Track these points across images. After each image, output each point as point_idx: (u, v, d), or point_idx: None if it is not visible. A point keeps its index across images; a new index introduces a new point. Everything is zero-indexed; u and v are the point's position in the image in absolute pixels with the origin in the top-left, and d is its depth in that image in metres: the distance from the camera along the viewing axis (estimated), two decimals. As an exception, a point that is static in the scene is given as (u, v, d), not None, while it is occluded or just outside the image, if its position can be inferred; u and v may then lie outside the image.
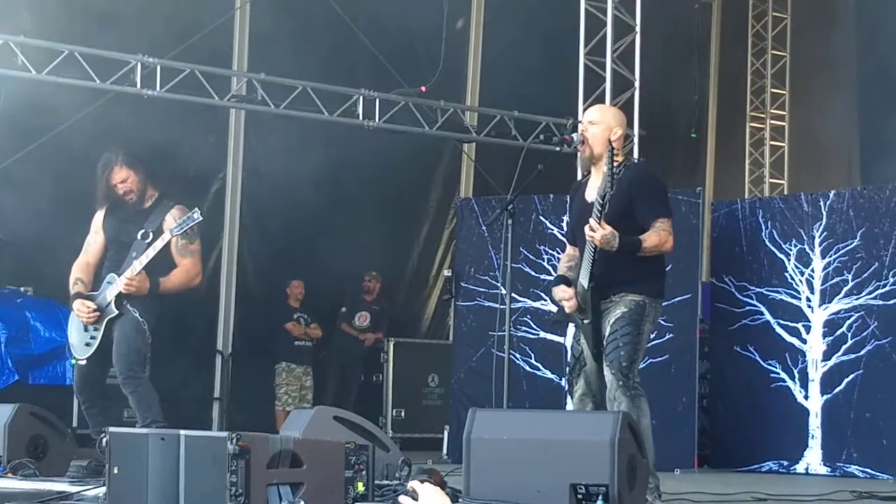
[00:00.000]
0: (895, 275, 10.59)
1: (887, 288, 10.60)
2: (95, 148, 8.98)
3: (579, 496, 5.43)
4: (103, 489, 5.50)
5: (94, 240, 8.48)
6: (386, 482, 5.76)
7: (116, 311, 8.15)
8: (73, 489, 6.38)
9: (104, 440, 5.79)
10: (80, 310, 8.24)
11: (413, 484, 4.53)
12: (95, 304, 8.19)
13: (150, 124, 11.54)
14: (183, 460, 4.92)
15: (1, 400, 9.31)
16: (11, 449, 7.50)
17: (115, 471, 5.30)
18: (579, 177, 7.99)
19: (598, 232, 6.93)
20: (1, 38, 11.08)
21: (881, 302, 10.65)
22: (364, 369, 13.30)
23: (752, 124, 15.59)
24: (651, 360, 8.67)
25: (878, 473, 9.67)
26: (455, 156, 14.20)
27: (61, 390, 9.96)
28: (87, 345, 8.30)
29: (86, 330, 8.30)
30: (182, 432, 5.06)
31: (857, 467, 10.39)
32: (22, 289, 11.45)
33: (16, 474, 7.27)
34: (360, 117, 12.89)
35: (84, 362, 8.35)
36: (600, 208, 6.96)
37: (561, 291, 7.61)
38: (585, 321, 7.43)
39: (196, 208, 8.24)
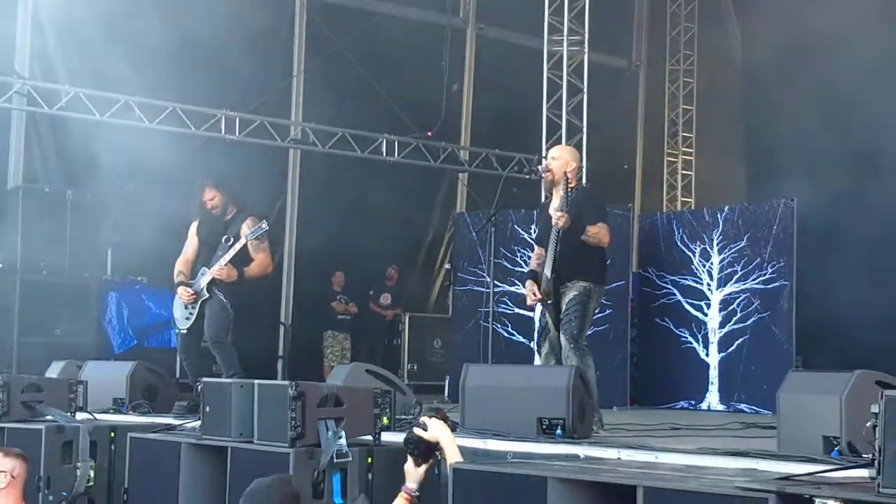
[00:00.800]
0: (772, 267, 10.63)
1: (766, 276, 10.68)
2: (191, 177, 8.96)
3: (544, 426, 5.51)
4: (198, 423, 5.53)
5: (191, 243, 8.49)
6: (403, 417, 5.80)
7: (207, 295, 8.17)
8: (177, 422, 6.43)
9: (199, 387, 5.81)
10: (182, 293, 8.26)
11: (424, 419, 4.54)
12: (193, 289, 8.20)
13: (230, 159, 11.48)
14: (256, 402, 4.94)
15: (124, 359, 9.54)
16: (132, 394, 7.62)
17: (207, 409, 5.33)
18: (543, 198, 7.98)
19: (563, 218, 7.03)
20: (122, 97, 11.09)
21: (762, 286, 10.72)
22: (387, 335, 13.31)
23: (668, 158, 15.53)
24: (595, 329, 8.70)
25: (760, 409, 9.68)
26: (453, 182, 14.20)
27: (168, 351, 9.97)
28: (187, 318, 8.30)
29: (185, 308, 8.30)
30: (256, 382, 5.10)
31: (745, 405, 10.43)
32: (139, 278, 11.45)
33: (135, 412, 7.33)
34: (384, 154, 12.89)
35: (185, 331, 8.36)
36: (565, 207, 7.05)
37: (529, 285, 7.68)
38: (549, 302, 7.44)
39: (264, 220, 8.27)
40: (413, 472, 4.46)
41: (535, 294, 7.60)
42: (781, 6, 13.01)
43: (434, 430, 4.49)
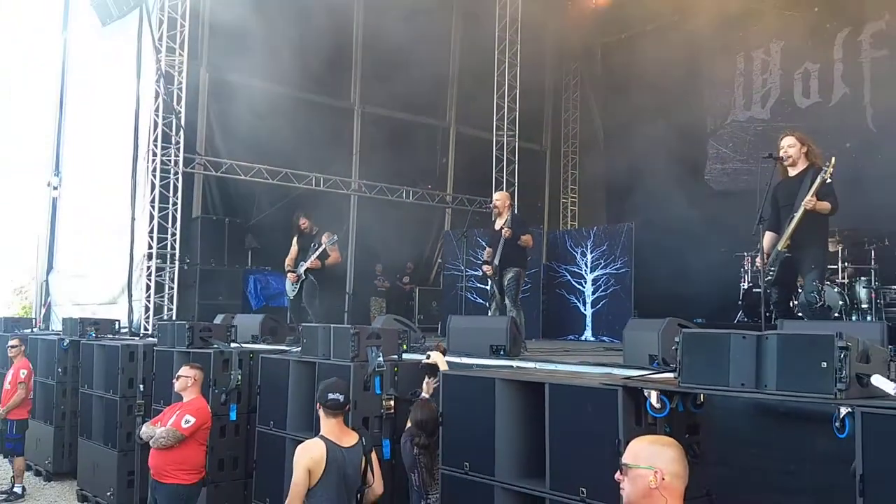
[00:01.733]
0: (621, 261, 10.66)
1: (617, 265, 10.71)
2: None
3: (493, 350, 5.49)
4: (299, 348, 5.53)
5: (293, 248, 8.54)
6: (415, 345, 5.76)
7: (304, 277, 8.17)
8: (287, 348, 6.43)
9: (299, 328, 5.82)
10: (290, 277, 8.28)
11: (429, 352, 4.59)
12: (296, 274, 8.20)
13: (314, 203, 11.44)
14: (333, 336, 4.95)
15: (257, 313, 9.41)
16: (262, 332, 7.51)
17: (304, 341, 5.33)
18: (494, 221, 7.98)
19: (508, 230, 7.29)
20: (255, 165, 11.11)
21: (615, 272, 10.77)
22: (407, 299, 13.22)
23: (562, 200, 15.50)
24: (524, 296, 8.67)
25: (615, 340, 9.69)
26: (443, 214, 14.12)
27: (282, 310, 9.90)
28: (293, 291, 8.32)
29: (292, 285, 8.31)
30: (332, 325, 5.10)
31: (606, 338, 10.45)
32: (266, 268, 11.42)
33: (264, 343, 7.33)
34: (403, 197, 12.89)
35: (292, 298, 8.38)
36: (509, 229, 7.10)
37: (485, 267, 7.73)
38: (496, 278, 7.46)
39: (335, 234, 8.32)
40: (426, 386, 4.51)
41: (488, 272, 7.68)
42: (627, 103, 13.00)
43: (433, 357, 4.56)
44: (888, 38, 10.49)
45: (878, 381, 2.38)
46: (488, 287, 8.14)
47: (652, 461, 2.48)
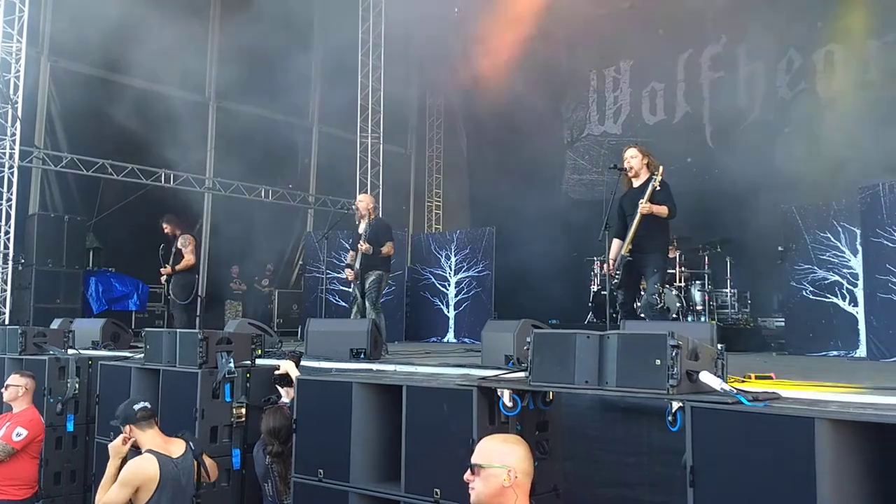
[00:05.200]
0: (482, 264, 10.92)
1: (479, 268, 10.94)
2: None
3: (353, 353, 5.45)
4: (142, 355, 5.19)
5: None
6: (271, 349, 5.59)
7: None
8: (130, 355, 6.06)
9: (143, 335, 5.46)
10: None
11: (280, 361, 4.50)
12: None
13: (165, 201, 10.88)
14: (178, 342, 4.69)
15: (97, 317, 8.77)
16: (103, 338, 7.07)
17: (148, 347, 5.02)
18: (358, 224, 7.96)
19: (365, 245, 6.96)
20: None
21: (477, 274, 10.99)
22: (266, 303, 12.86)
23: (427, 203, 15.73)
24: (386, 299, 8.72)
25: (475, 341, 9.78)
26: (304, 214, 13.94)
27: (126, 314, 9.26)
28: None
29: None
30: (178, 330, 4.85)
31: (467, 339, 10.66)
32: (109, 269, 10.78)
33: (104, 349, 6.87)
34: (261, 196, 12.51)
35: None
36: (365, 235, 7.06)
37: (346, 271, 7.70)
38: (358, 282, 7.42)
39: (189, 235, 8.05)
40: (286, 392, 4.40)
41: (350, 276, 7.63)
42: (491, 111, 13.34)
43: (283, 366, 4.48)
44: (724, 61, 11.43)
45: (705, 377, 2.57)
46: (351, 290, 8.08)
47: (504, 460, 2.55)
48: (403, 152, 15.37)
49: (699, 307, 9.31)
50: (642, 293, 6.08)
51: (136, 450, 3.94)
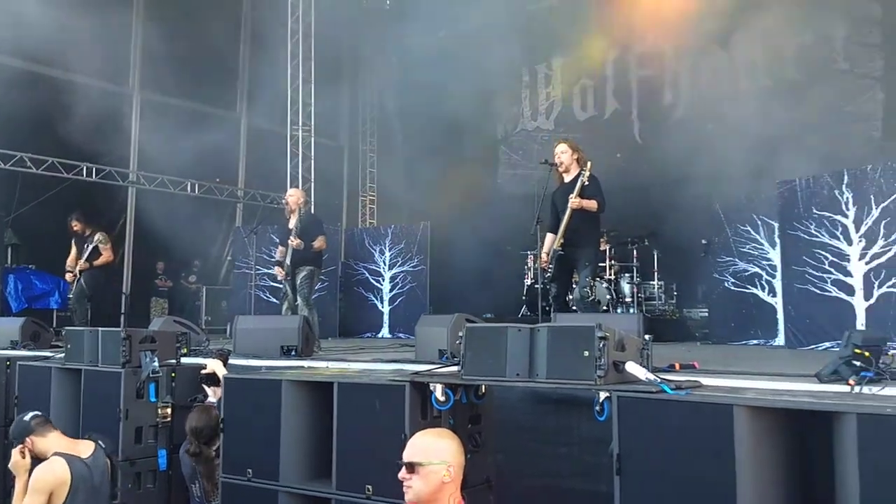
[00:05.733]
0: (417, 258, 10.92)
1: (414, 263, 10.94)
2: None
3: (283, 350, 5.38)
4: (63, 354, 4.98)
5: (73, 252, 8.43)
6: (197, 347, 5.49)
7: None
8: (50, 355, 5.81)
9: (64, 333, 5.27)
10: (68, 277, 8.16)
11: (207, 360, 4.40)
12: (73, 274, 8.05)
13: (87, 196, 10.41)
14: (100, 340, 4.56)
15: (16, 315, 8.42)
16: (22, 337, 6.72)
17: (68, 346, 4.85)
18: (288, 219, 7.84)
19: (296, 240, 6.87)
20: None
21: (412, 269, 10.98)
22: (193, 300, 12.49)
23: (361, 197, 15.56)
24: (319, 294, 8.61)
25: (410, 335, 9.71)
26: (233, 208, 13.63)
27: (47, 312, 8.94)
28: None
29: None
30: (100, 329, 4.67)
31: (402, 333, 10.55)
32: (29, 266, 10.26)
33: (24, 349, 6.55)
34: (188, 190, 12.19)
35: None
36: (296, 230, 6.95)
37: (276, 268, 7.61)
38: (289, 278, 7.32)
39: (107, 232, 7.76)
40: (212, 392, 4.30)
41: (281, 272, 7.51)
42: (425, 104, 13.33)
43: (210, 365, 4.38)
44: (651, 59, 11.73)
45: (631, 367, 2.64)
46: (282, 286, 7.96)
47: (442, 456, 2.57)
48: (336, 145, 15.18)
49: (628, 299, 9.55)
50: (574, 286, 6.19)
51: (40, 460, 3.80)
